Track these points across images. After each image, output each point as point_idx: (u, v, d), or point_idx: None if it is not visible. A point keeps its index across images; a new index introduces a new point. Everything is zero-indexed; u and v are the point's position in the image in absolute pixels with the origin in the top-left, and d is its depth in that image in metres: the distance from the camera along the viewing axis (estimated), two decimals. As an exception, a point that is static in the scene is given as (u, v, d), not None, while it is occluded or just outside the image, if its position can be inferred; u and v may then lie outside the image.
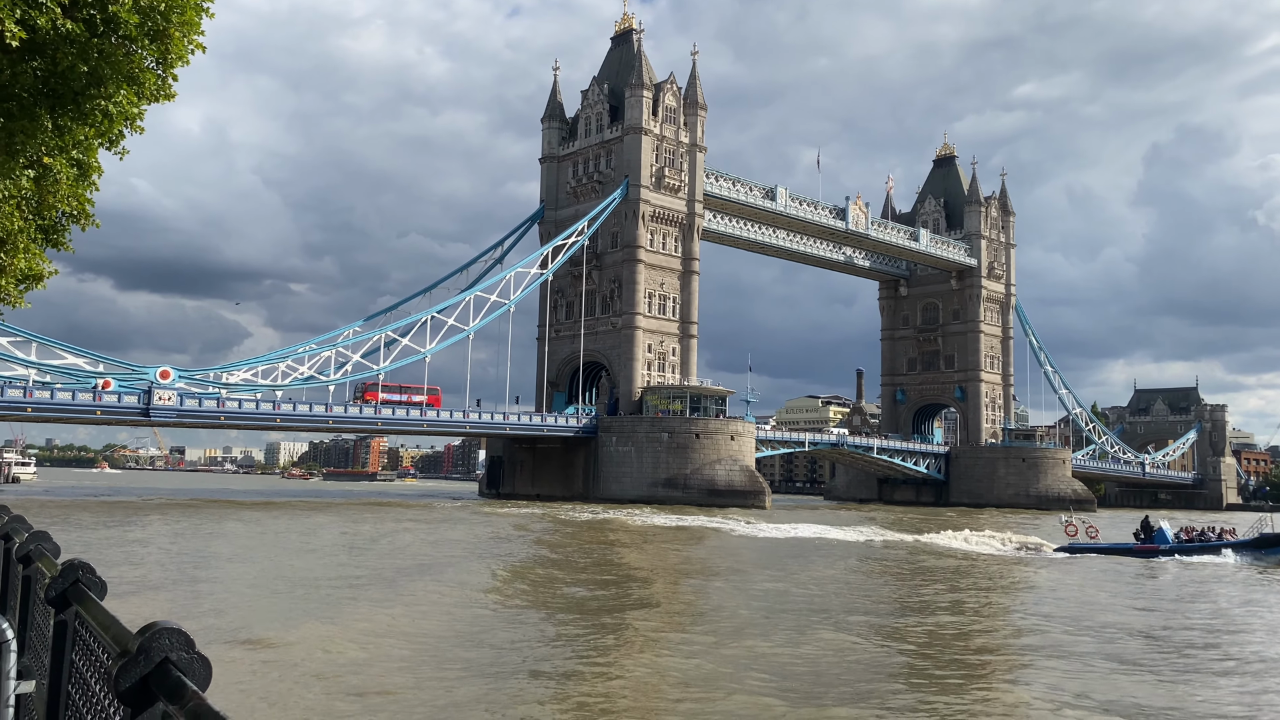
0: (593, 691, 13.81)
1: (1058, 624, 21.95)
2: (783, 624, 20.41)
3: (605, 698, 13.53)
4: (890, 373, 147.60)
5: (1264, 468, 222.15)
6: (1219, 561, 39.20)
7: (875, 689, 14.61)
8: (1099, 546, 43.84)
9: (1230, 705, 14.37)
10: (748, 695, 13.70)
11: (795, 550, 41.01)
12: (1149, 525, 43.75)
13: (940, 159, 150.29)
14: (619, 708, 13.01)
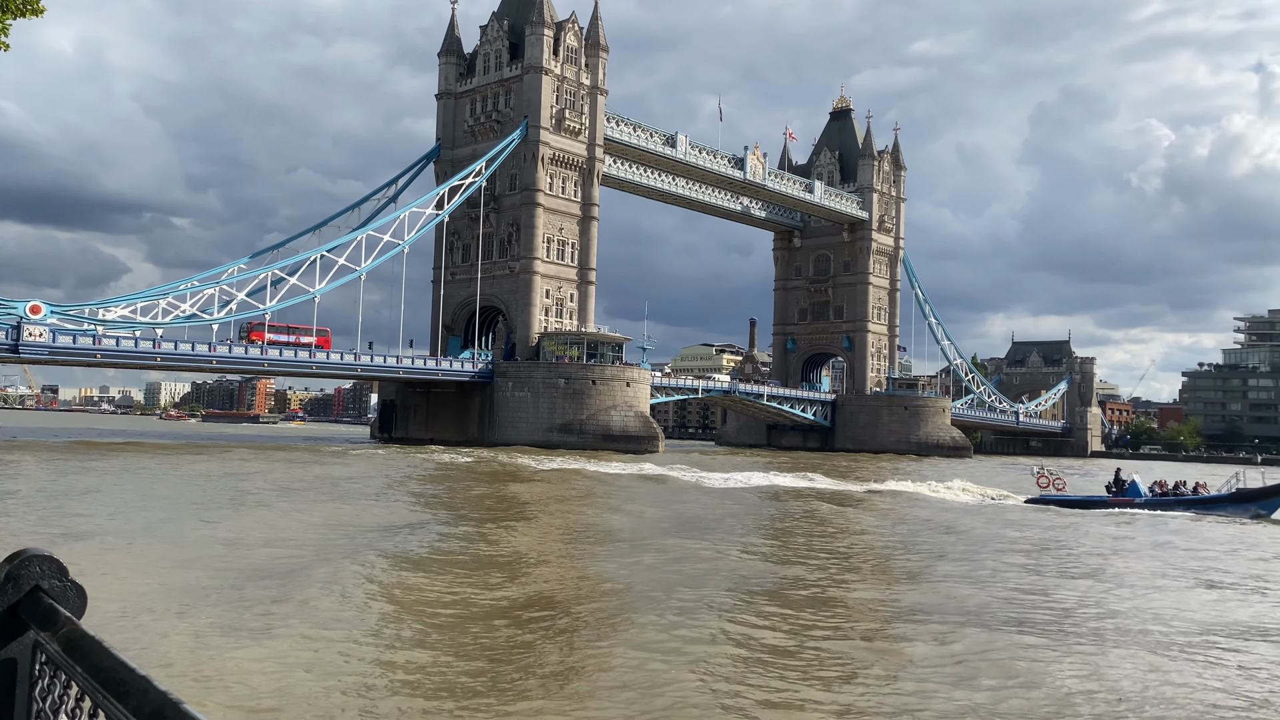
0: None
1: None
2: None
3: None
4: (782, 322, 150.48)
5: (1126, 417, 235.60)
6: (1194, 516, 37.67)
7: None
8: (1071, 499, 42.23)
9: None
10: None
11: (767, 499, 41.39)
12: (1120, 479, 42.61)
13: (837, 112, 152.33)
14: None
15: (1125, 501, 39.97)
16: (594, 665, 12.18)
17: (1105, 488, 42.59)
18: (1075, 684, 11.89)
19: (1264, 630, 15.87)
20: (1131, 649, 13.94)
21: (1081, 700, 11.15)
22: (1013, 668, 12.55)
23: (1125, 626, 15.63)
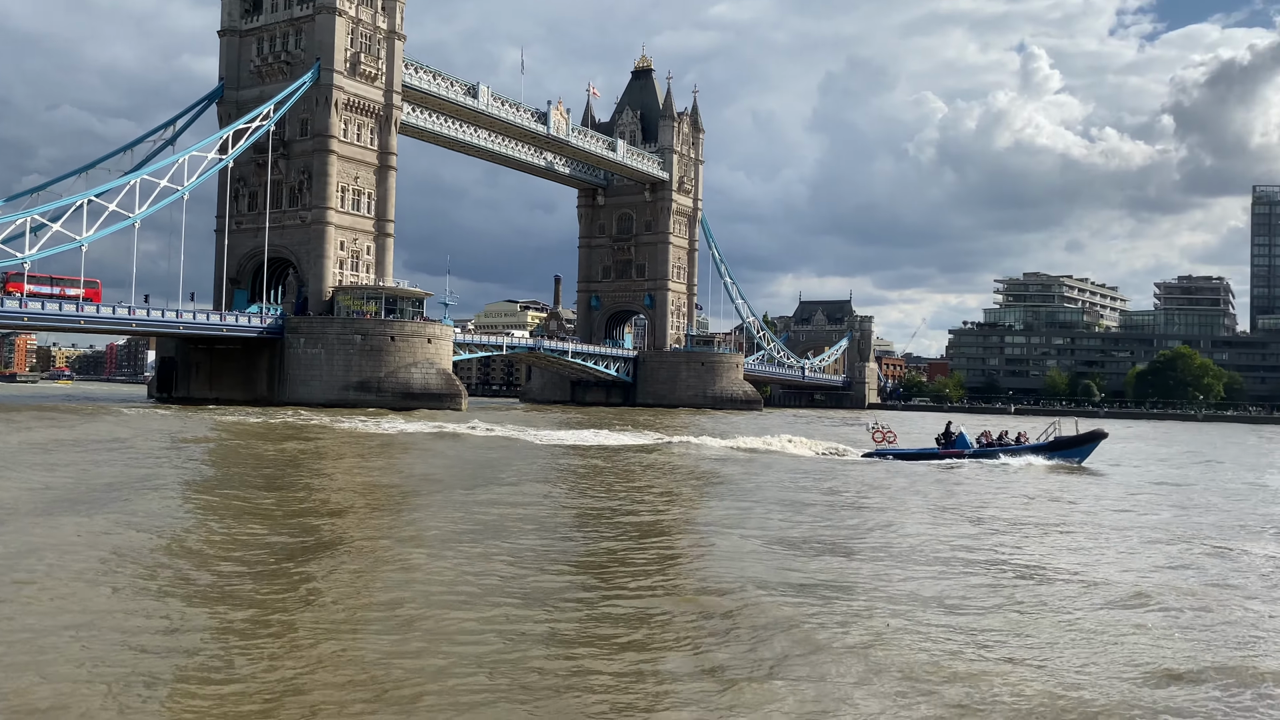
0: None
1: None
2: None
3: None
4: (586, 279, 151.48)
5: (899, 372, 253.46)
6: (1017, 463, 39.88)
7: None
8: (906, 451, 43.40)
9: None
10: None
11: (654, 457, 41.28)
12: (949, 431, 43.99)
13: (638, 71, 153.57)
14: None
15: (955, 453, 41.55)
16: (371, 600, 12.31)
17: (935, 440, 43.80)
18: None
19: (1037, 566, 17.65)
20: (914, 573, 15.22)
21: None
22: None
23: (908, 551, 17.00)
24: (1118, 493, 31.81)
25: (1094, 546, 19.44)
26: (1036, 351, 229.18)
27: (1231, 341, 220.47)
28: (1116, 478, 37.79)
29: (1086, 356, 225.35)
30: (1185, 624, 11.89)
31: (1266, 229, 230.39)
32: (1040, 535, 20.96)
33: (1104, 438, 43.15)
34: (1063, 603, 13.65)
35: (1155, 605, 12.93)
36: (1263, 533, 22.80)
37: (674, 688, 9.09)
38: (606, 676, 9.34)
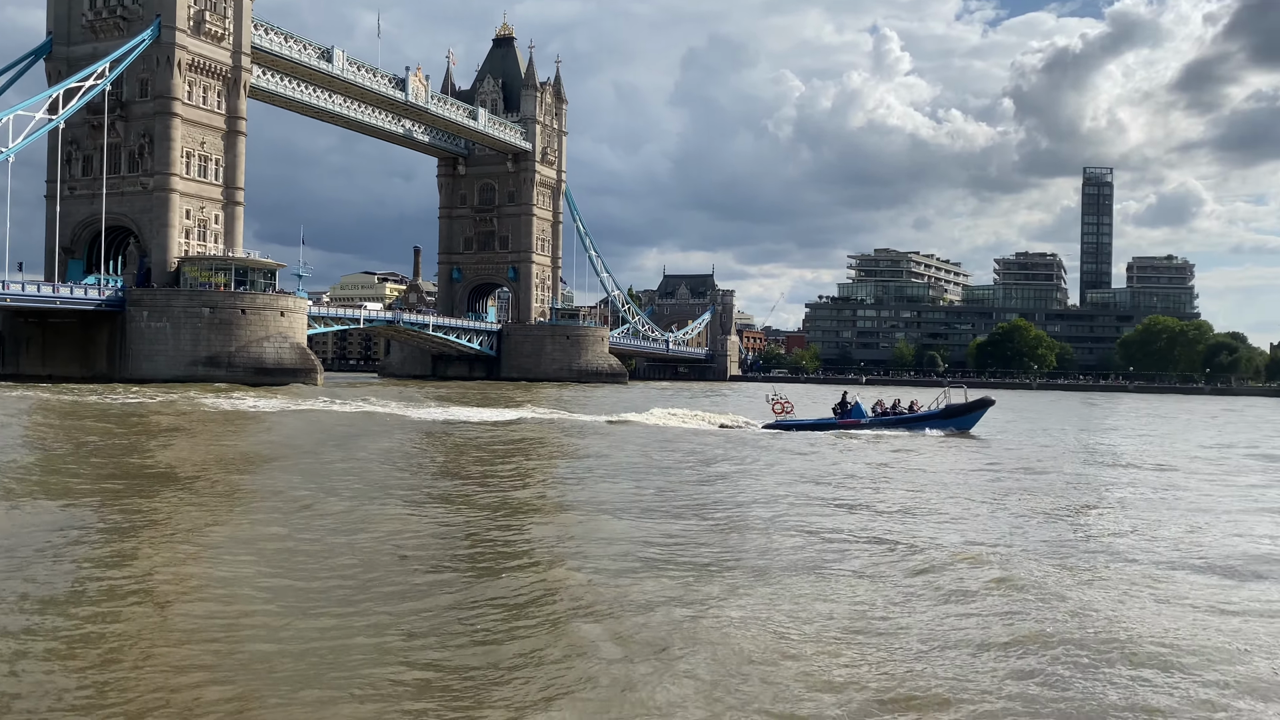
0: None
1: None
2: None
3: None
4: (448, 251, 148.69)
5: (759, 344, 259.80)
6: (912, 432, 40.77)
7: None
8: (804, 422, 43.48)
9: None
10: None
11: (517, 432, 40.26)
12: (845, 401, 44.19)
13: (500, 39, 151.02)
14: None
15: (851, 423, 42.20)
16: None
17: (832, 410, 44.31)
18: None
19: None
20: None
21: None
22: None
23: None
24: (991, 458, 33.33)
25: (964, 515, 20.44)
26: (886, 325, 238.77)
27: (1063, 314, 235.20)
28: (1000, 443, 39.50)
29: (932, 329, 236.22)
30: (1030, 603, 12.52)
31: (1095, 208, 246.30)
32: (906, 503, 21.92)
33: (991, 405, 44.65)
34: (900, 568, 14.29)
35: (1014, 577, 13.69)
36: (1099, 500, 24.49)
37: (535, 674, 8.80)
38: (460, 669, 8.90)
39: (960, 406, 43.27)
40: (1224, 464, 34.01)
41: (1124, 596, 12.55)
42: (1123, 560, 15.06)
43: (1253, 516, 20.67)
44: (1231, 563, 15.05)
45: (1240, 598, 12.62)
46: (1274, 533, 18.43)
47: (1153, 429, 59.51)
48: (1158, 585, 13.29)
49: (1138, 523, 19.51)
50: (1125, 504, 22.62)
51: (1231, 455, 38.16)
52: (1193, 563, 14.94)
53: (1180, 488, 26.00)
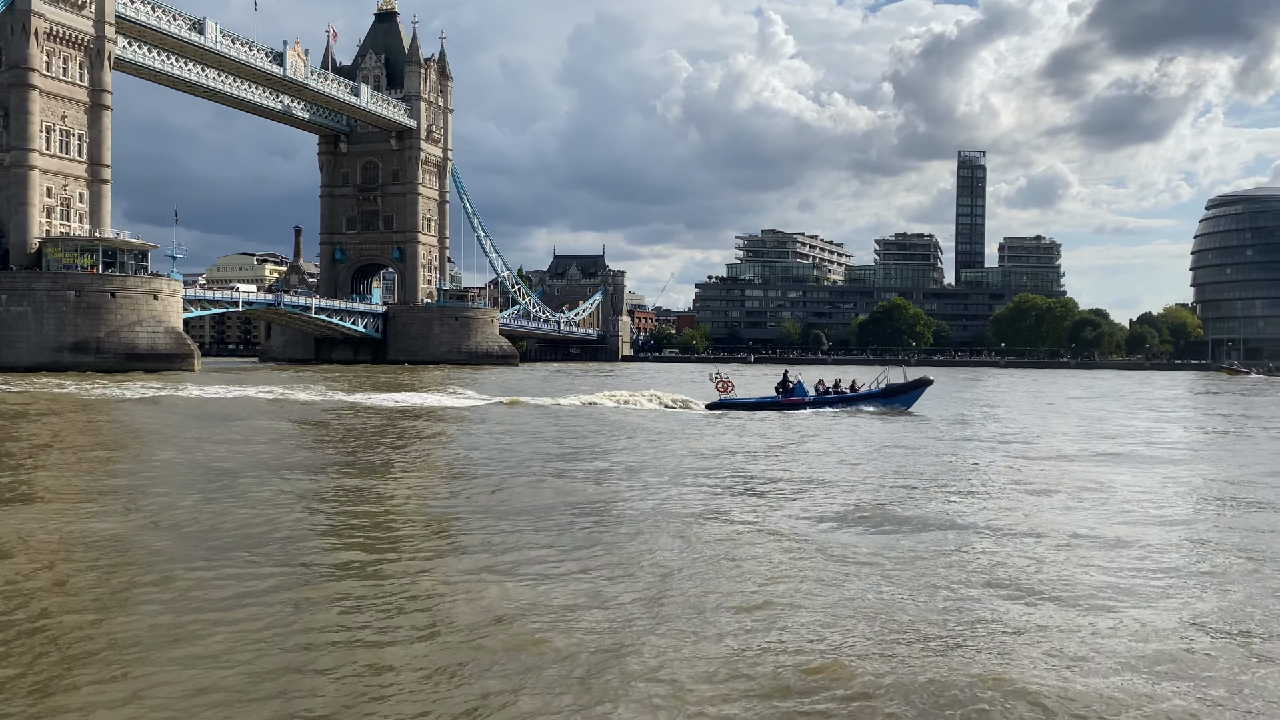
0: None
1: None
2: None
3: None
4: (330, 231, 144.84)
5: (650, 324, 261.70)
6: (851, 410, 41.36)
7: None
8: (747, 401, 43.82)
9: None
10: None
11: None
12: (787, 380, 44.36)
13: (382, 14, 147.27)
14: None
15: (795, 402, 42.52)
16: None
17: (775, 389, 44.61)
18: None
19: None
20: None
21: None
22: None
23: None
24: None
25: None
26: (773, 304, 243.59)
27: (939, 293, 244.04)
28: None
29: (817, 308, 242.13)
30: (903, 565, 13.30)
31: (969, 190, 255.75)
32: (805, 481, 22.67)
33: (929, 384, 45.73)
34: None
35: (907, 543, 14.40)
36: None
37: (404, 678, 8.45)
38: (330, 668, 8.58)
39: (900, 386, 44.24)
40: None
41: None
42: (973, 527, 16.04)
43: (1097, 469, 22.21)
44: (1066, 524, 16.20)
45: (1078, 545, 13.67)
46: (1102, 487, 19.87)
47: (1026, 403, 62.59)
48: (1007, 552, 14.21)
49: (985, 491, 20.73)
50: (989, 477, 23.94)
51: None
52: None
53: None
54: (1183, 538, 15.36)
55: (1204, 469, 25.76)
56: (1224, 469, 25.51)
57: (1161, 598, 11.46)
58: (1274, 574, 12.83)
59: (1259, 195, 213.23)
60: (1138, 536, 15.14)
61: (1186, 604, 11.20)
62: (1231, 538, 15.44)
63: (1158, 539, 15.07)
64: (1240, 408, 59.63)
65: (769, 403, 43.16)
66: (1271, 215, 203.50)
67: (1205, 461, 28.09)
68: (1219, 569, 13.11)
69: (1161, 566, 13.13)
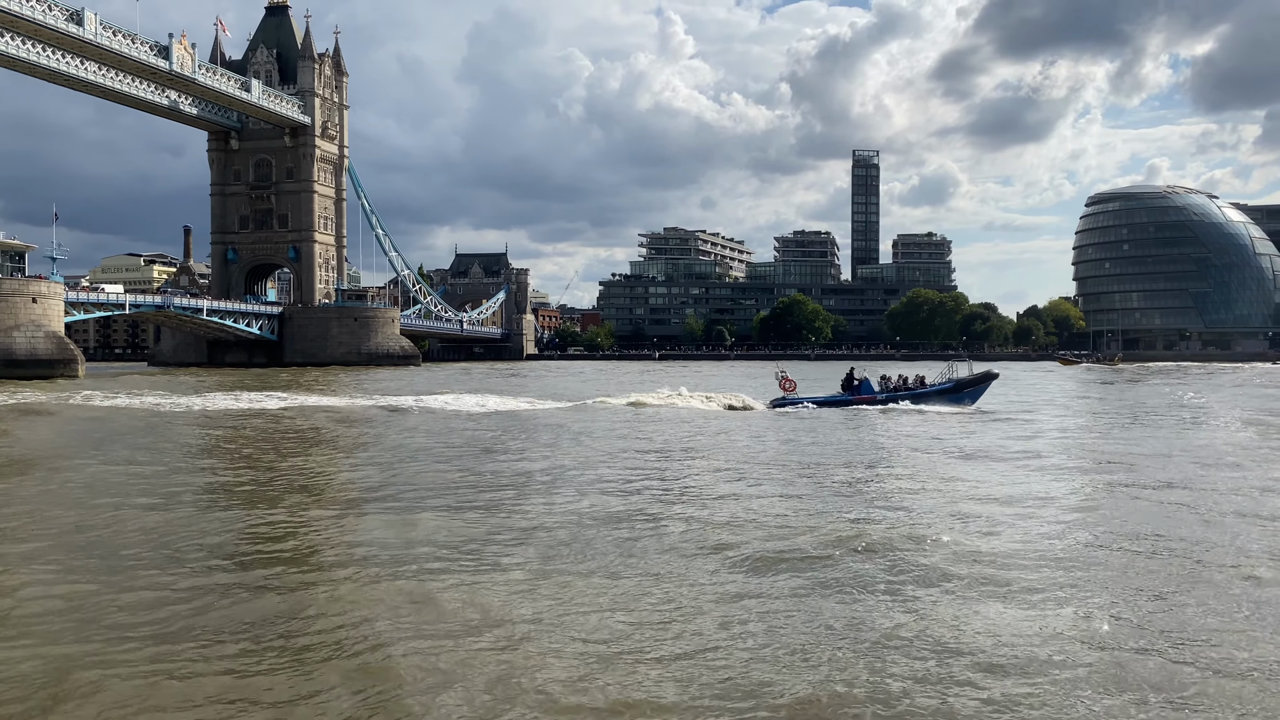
0: None
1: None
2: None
3: None
4: (221, 230, 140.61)
5: (555, 323, 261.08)
6: (926, 408, 40.93)
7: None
8: (813, 400, 43.29)
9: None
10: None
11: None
12: (853, 377, 44.35)
13: (273, 7, 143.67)
14: None
15: (866, 399, 42.46)
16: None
17: (841, 387, 44.53)
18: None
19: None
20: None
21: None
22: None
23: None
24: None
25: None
26: (676, 301, 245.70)
27: (836, 289, 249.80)
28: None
29: (719, 305, 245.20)
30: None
31: (864, 189, 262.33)
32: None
33: (995, 378, 45.84)
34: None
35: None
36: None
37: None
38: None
39: (968, 380, 44.42)
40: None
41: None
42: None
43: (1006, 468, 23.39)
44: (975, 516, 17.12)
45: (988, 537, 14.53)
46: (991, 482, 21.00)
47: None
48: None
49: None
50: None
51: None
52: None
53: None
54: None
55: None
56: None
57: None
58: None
59: (1134, 193, 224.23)
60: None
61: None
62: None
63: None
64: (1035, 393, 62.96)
65: (837, 400, 43.00)
66: (1146, 212, 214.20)
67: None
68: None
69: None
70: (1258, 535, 14.29)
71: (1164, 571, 12.12)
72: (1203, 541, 13.80)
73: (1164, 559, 12.80)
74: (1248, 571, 11.98)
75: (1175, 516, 16.13)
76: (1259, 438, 30.29)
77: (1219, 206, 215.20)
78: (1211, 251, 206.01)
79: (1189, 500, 17.68)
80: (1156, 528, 14.91)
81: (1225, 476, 20.87)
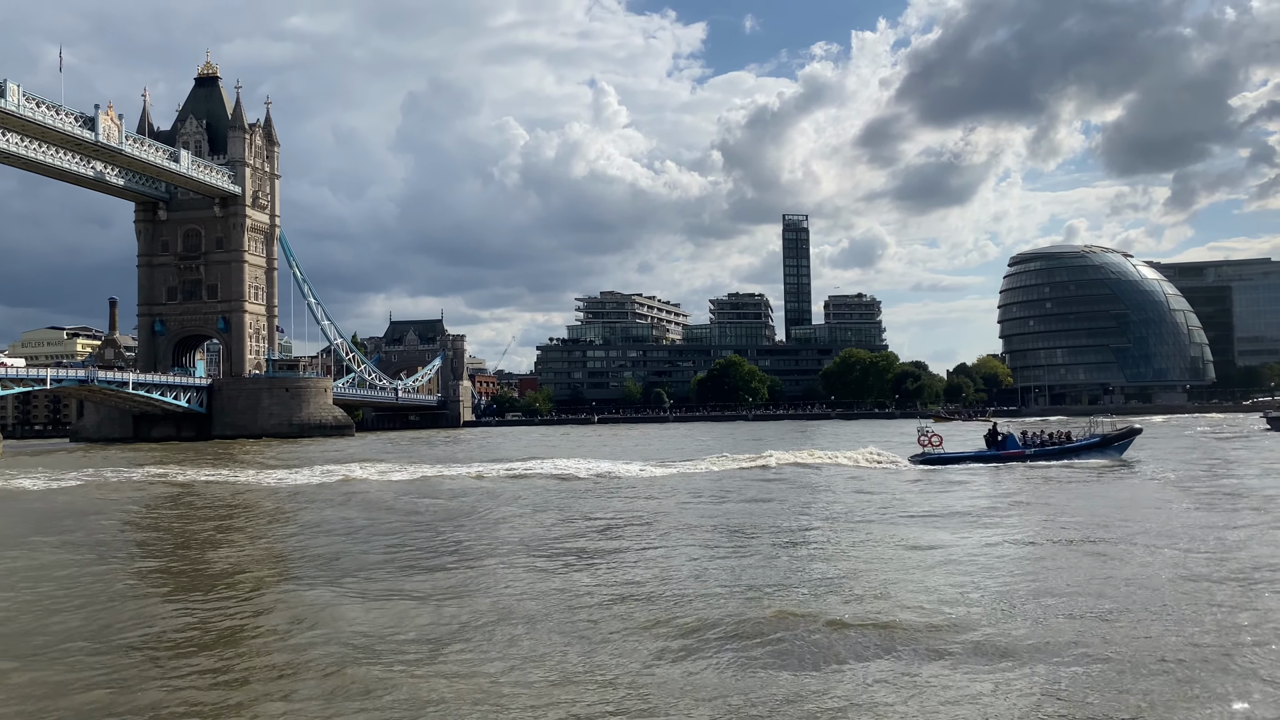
0: None
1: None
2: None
3: None
4: (149, 302, 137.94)
5: (492, 389, 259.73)
6: (1076, 462, 41.58)
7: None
8: (958, 455, 43.77)
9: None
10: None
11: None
12: (997, 432, 45.13)
13: (203, 78, 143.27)
14: None
15: (1014, 454, 42.94)
16: None
17: (985, 442, 45.18)
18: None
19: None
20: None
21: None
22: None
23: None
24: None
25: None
26: (614, 364, 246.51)
27: (771, 350, 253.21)
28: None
29: (657, 367, 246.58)
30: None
31: (795, 252, 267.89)
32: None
33: (1139, 433, 47.20)
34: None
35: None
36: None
37: None
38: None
39: (1114, 435, 45.86)
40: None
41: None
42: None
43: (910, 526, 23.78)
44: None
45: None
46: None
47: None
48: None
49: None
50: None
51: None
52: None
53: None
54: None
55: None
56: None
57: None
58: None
59: (1054, 253, 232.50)
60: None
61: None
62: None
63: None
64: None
65: (985, 456, 43.39)
66: (1066, 271, 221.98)
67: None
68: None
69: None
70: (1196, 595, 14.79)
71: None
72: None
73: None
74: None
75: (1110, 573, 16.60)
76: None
77: (1134, 265, 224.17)
78: (1130, 308, 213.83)
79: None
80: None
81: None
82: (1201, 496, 29.65)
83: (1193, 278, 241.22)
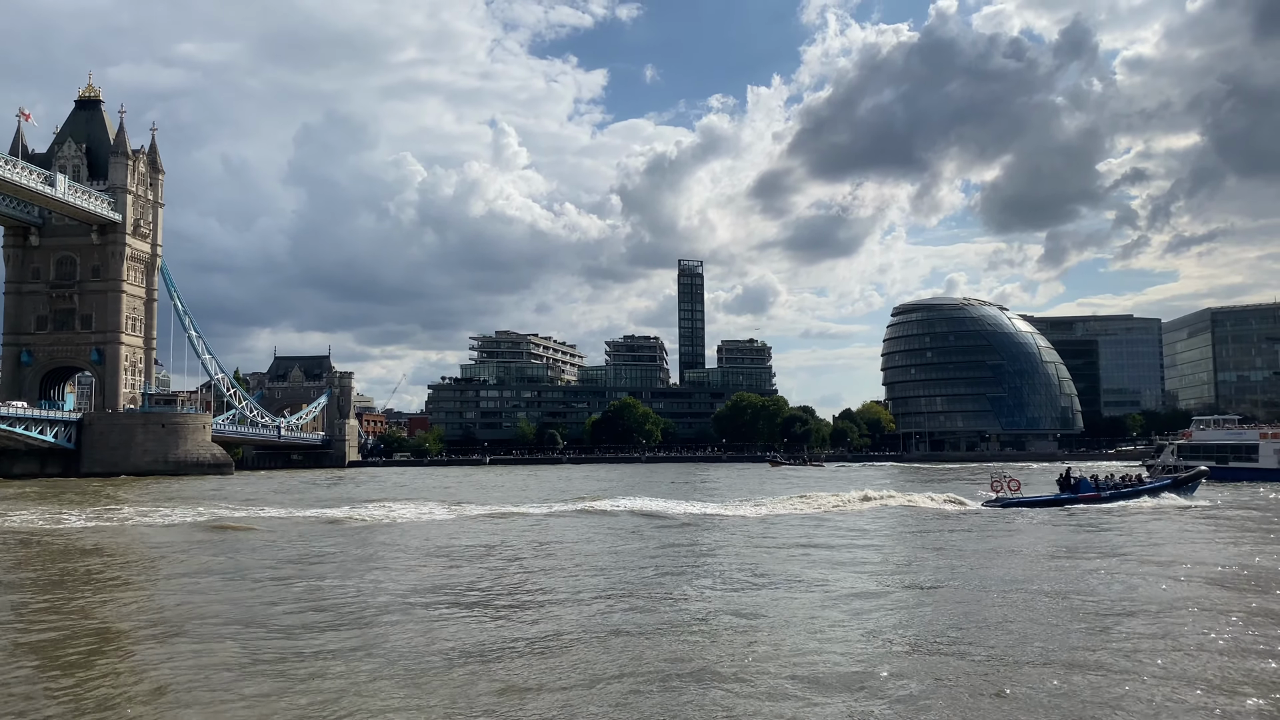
0: None
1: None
2: None
3: None
4: (16, 331, 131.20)
5: (380, 428, 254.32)
6: (1150, 503, 42.69)
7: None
8: (1034, 500, 44.40)
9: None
10: None
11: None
12: (1069, 476, 46.22)
13: (84, 100, 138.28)
14: None
15: (1091, 498, 43.74)
16: None
17: (1059, 486, 45.98)
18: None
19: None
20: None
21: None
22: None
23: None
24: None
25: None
26: (508, 404, 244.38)
27: (666, 392, 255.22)
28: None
29: (551, 408, 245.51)
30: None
31: (690, 296, 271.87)
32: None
33: (1207, 474, 49.75)
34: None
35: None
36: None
37: None
38: None
39: (1185, 477, 48.45)
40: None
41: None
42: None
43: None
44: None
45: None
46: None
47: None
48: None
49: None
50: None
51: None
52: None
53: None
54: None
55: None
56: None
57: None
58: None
59: (935, 304, 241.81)
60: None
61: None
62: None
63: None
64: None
65: (1060, 500, 44.10)
66: (946, 322, 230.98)
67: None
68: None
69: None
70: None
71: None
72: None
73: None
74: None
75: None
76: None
77: (1010, 318, 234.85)
78: (1005, 359, 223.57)
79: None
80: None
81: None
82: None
83: (1063, 331, 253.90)
